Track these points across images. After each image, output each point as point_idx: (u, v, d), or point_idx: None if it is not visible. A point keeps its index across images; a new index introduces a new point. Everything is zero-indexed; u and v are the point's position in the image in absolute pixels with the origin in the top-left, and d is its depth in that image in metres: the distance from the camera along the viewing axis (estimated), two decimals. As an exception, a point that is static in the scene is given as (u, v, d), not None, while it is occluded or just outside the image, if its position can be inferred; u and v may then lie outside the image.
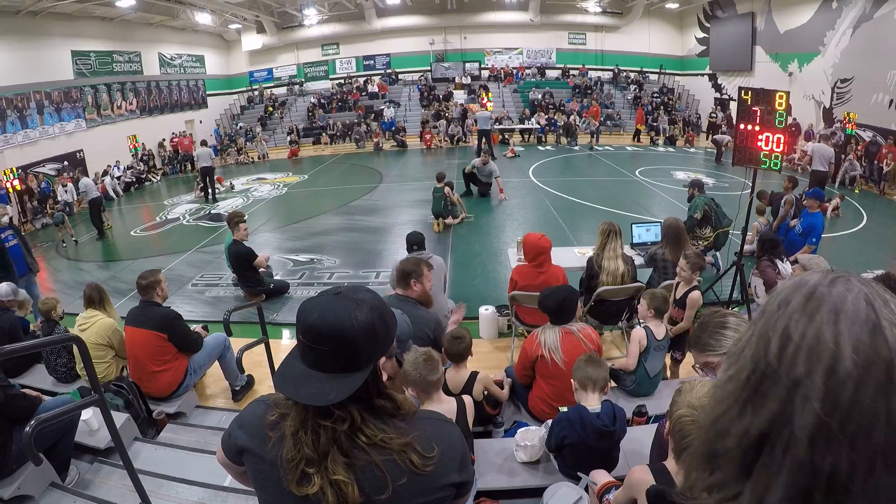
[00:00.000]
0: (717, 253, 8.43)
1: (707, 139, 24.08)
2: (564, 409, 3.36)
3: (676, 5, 27.05)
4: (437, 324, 4.11)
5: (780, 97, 5.86)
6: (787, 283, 0.82)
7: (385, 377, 1.43)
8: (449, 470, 1.45)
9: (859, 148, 16.20)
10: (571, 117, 25.03)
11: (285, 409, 1.43)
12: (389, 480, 1.34)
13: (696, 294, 5.27)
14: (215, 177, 16.75)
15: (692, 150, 22.92)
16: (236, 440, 1.52)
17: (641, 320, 4.95)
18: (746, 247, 7.41)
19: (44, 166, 17.28)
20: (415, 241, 6.26)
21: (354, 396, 1.34)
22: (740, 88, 6.39)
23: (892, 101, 16.06)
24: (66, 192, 15.99)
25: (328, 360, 1.34)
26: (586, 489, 2.95)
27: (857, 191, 14.91)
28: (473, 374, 4.01)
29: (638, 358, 4.57)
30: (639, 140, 24.26)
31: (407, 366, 2.97)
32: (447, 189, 11.61)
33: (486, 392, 4.10)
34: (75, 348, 4.34)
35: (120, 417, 4.08)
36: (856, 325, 0.71)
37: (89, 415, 3.96)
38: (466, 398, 3.10)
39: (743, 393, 0.78)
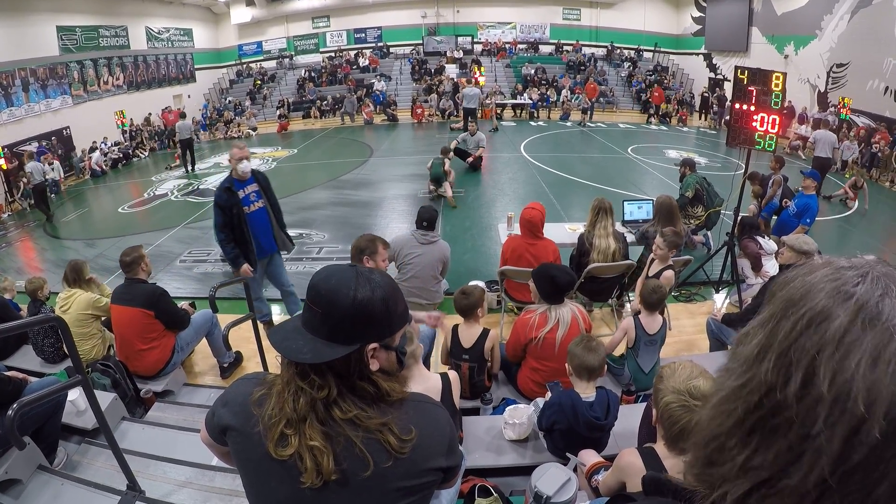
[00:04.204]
0: (709, 232, 8.43)
1: (700, 118, 24.02)
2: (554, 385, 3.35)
3: (673, -18, 26.82)
4: None
5: (777, 77, 5.79)
6: (824, 280, 0.69)
7: (375, 366, 1.40)
8: (435, 454, 1.44)
9: (856, 132, 16.14)
10: (563, 92, 24.92)
11: (273, 381, 1.43)
12: (371, 460, 1.33)
13: (669, 273, 5.28)
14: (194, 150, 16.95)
15: (685, 128, 22.86)
16: (220, 418, 1.51)
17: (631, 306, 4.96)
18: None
19: (30, 144, 16.97)
20: (426, 218, 5.88)
21: (335, 369, 1.35)
22: (736, 67, 6.33)
23: (887, 88, 16.03)
24: (52, 169, 15.75)
25: (317, 323, 1.35)
26: (574, 469, 2.94)
27: (848, 175, 14.91)
28: (485, 331, 4.09)
29: (626, 350, 4.56)
30: (658, 118, 24.01)
31: None
32: (446, 160, 11.94)
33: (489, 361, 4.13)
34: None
35: (107, 397, 4.06)
36: (890, 380, 0.60)
37: (76, 395, 3.92)
38: (452, 374, 3.06)
39: (751, 417, 0.70)
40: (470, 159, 13.84)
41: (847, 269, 0.70)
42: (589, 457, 2.91)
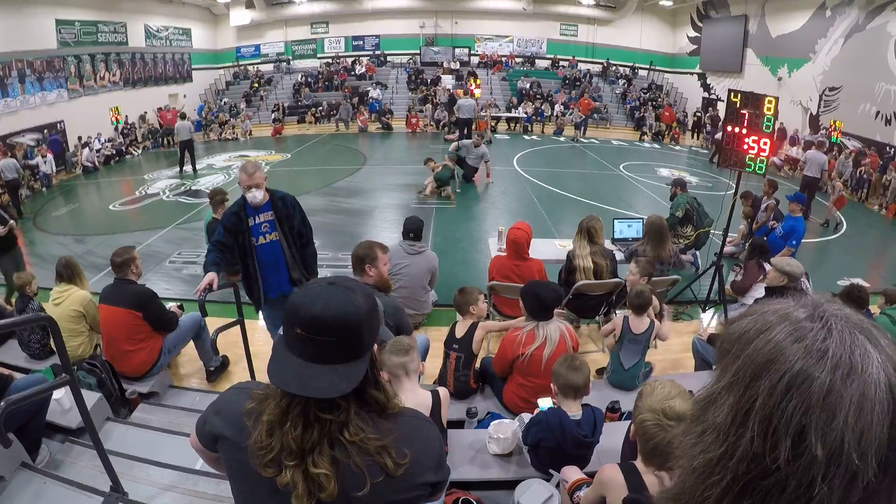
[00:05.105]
0: (697, 252, 8.50)
1: (693, 137, 24.20)
2: (544, 402, 3.37)
3: (671, 3, 27.06)
4: (396, 309, 4.14)
5: (770, 102, 5.90)
6: (789, 338, 0.71)
7: None
8: (425, 470, 1.46)
9: (851, 153, 16.33)
10: (557, 107, 25.08)
11: (263, 398, 1.41)
12: (368, 478, 1.33)
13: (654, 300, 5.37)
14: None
15: (677, 147, 23.04)
16: (212, 427, 1.51)
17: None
18: (727, 248, 7.47)
19: (23, 136, 16.89)
20: (411, 229, 6.02)
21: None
22: (730, 90, 6.43)
23: (878, 112, 16.23)
24: (45, 163, 15.67)
25: (334, 351, 1.32)
26: (557, 486, 2.97)
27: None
28: (474, 324, 4.32)
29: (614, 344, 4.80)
30: (651, 136, 24.23)
31: (387, 350, 2.97)
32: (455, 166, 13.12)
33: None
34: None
35: (92, 397, 4.03)
36: (876, 425, 0.64)
37: (61, 394, 3.89)
38: (443, 392, 3.09)
39: (739, 482, 0.71)
40: (488, 180, 14.21)
41: (806, 322, 0.72)
42: (572, 473, 2.93)
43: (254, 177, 4.79)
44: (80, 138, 18.37)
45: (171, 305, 5.47)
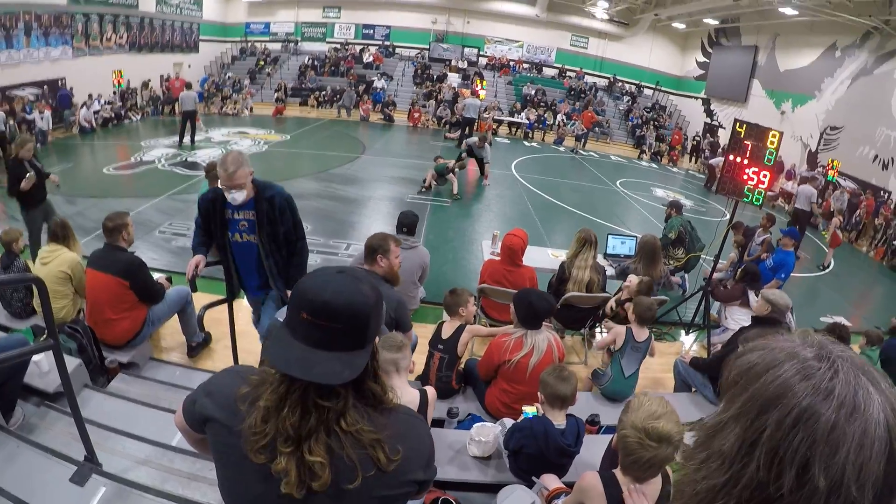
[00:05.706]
0: (686, 275, 8.54)
1: (691, 161, 24.34)
2: (529, 410, 3.38)
3: (683, 26, 27.21)
4: (400, 303, 4.09)
5: (774, 136, 5.94)
6: (797, 375, 0.75)
7: None
8: (415, 467, 1.46)
9: (846, 192, 16.49)
10: (559, 117, 25.18)
11: (259, 383, 1.40)
12: (360, 471, 1.33)
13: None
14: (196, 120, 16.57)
15: (674, 169, 23.19)
16: (202, 408, 1.48)
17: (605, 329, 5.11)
18: (716, 275, 7.51)
19: (23, 90, 16.66)
20: (406, 223, 5.94)
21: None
22: (736, 120, 6.46)
23: (876, 156, 16.43)
24: (42, 119, 15.45)
25: (339, 338, 1.31)
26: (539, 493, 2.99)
27: (825, 233, 15.18)
28: (462, 326, 4.33)
29: (614, 353, 4.88)
30: (650, 155, 24.44)
31: (379, 345, 2.95)
32: (450, 164, 13.10)
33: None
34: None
35: (72, 362, 3.95)
36: (874, 461, 0.68)
37: (41, 356, 3.84)
38: (430, 390, 3.09)
39: None
40: (485, 182, 14.26)
41: (814, 361, 0.76)
42: (551, 481, 2.95)
43: (234, 177, 3.92)
44: (90, 96, 18.15)
45: (159, 277, 5.41)
